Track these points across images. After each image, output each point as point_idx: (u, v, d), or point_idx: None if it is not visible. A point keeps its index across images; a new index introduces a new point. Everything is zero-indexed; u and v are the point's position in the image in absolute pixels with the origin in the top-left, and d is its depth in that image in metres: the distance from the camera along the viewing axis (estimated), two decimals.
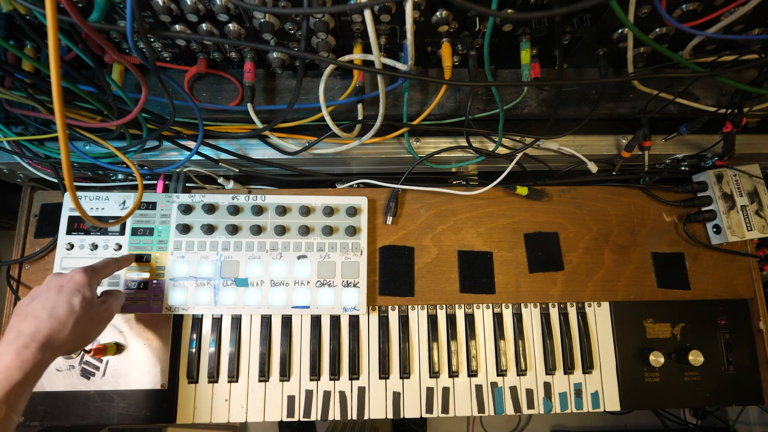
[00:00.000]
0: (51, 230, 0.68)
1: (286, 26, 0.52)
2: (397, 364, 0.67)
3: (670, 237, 0.73)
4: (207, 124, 0.64)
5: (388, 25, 0.54)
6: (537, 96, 0.67)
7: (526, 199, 0.73)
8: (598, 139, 0.69)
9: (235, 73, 0.64)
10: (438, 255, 0.71)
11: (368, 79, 0.63)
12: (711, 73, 0.52)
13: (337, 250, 0.68)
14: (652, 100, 0.65)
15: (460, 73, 0.65)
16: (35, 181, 0.71)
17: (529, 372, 0.68)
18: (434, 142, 0.68)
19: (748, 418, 1.17)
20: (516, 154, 0.67)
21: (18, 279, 0.67)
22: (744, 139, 0.69)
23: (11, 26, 0.53)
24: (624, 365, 0.69)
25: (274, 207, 0.67)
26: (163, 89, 0.51)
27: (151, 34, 0.46)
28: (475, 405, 0.66)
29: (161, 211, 0.67)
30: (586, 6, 0.37)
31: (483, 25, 0.54)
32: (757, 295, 0.71)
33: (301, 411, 0.65)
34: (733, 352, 0.69)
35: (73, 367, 0.65)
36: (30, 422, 0.63)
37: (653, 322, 0.70)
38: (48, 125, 0.61)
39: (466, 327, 0.69)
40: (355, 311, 0.66)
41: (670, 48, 0.51)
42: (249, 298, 0.66)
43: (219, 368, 0.66)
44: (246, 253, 0.67)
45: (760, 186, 0.70)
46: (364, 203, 0.69)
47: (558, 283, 0.70)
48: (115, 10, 0.49)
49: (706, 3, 0.50)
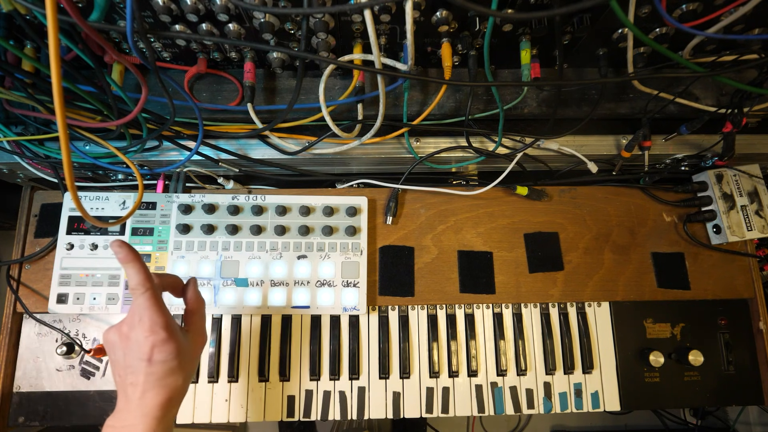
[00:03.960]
0: (51, 230, 0.68)
1: (286, 26, 0.52)
2: (397, 364, 0.67)
3: (670, 237, 0.73)
4: (207, 124, 0.64)
5: (388, 25, 0.54)
6: (537, 96, 0.67)
7: (526, 199, 0.73)
8: (598, 139, 0.69)
9: (235, 73, 0.64)
10: (438, 255, 0.71)
11: (368, 79, 0.63)
12: (711, 73, 0.52)
13: (337, 250, 0.68)
14: (652, 100, 0.65)
15: (460, 73, 0.65)
16: (35, 181, 0.71)
17: (529, 372, 0.68)
18: (434, 142, 0.68)
19: (748, 418, 1.17)
20: (516, 154, 0.67)
21: (18, 279, 0.67)
22: (744, 139, 0.69)
23: (11, 26, 0.53)
24: (624, 365, 0.68)
25: (274, 207, 0.67)
26: (163, 89, 0.51)
27: (151, 34, 0.45)
28: (475, 405, 0.66)
29: (161, 211, 0.67)
30: (586, 6, 0.37)
31: (483, 25, 0.54)
32: (757, 295, 0.71)
33: (301, 411, 0.65)
34: (733, 352, 0.69)
35: (73, 367, 0.65)
36: (30, 422, 0.63)
37: (653, 322, 0.70)
38: (48, 125, 0.61)
39: (466, 327, 0.69)
40: (355, 311, 0.66)
41: (670, 48, 0.51)
42: (249, 298, 0.66)
43: (219, 368, 0.66)
44: (246, 253, 0.67)
45: (760, 186, 0.70)
46: (364, 203, 0.69)
47: (558, 283, 0.70)
48: (115, 10, 0.49)
49: (706, 3, 0.50)
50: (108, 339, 0.47)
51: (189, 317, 0.51)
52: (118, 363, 0.46)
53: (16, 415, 0.64)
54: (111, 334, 0.46)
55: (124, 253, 0.44)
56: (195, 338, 0.50)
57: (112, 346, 0.46)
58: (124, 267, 0.45)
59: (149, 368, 0.44)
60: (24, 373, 0.65)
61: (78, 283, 0.65)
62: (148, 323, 0.44)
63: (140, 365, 0.44)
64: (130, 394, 0.44)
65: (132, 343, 0.44)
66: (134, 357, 0.44)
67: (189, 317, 0.51)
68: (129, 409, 0.44)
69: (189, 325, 0.51)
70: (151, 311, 0.44)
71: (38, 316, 0.66)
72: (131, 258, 0.45)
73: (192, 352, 0.49)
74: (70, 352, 0.64)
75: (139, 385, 0.44)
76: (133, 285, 0.44)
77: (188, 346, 0.48)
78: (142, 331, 0.44)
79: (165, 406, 0.45)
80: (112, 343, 0.46)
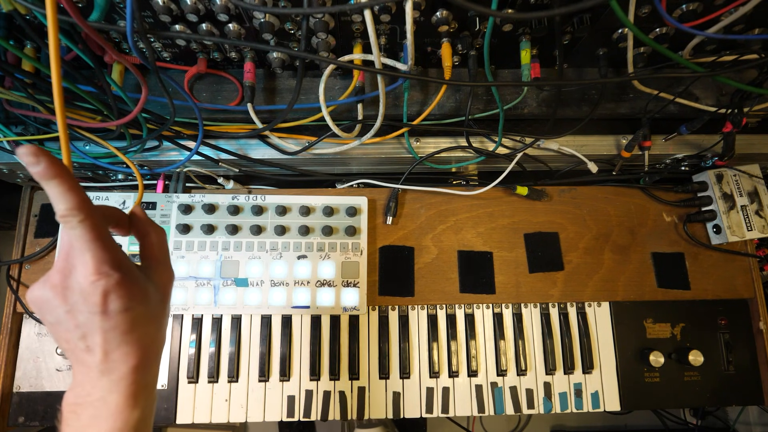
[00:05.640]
0: (51, 230, 0.68)
1: (286, 26, 0.52)
2: (397, 364, 0.67)
3: (670, 237, 0.73)
4: (207, 124, 0.64)
5: (388, 25, 0.54)
6: (537, 96, 0.67)
7: (526, 199, 0.73)
8: (598, 139, 0.69)
9: (235, 73, 0.64)
10: (438, 255, 0.70)
11: (368, 79, 0.63)
12: (711, 73, 0.52)
13: (337, 250, 0.68)
14: (652, 100, 0.65)
15: (460, 73, 0.65)
16: (35, 181, 0.71)
17: (529, 372, 0.68)
18: (434, 142, 0.68)
19: (748, 418, 1.17)
20: (516, 154, 0.67)
21: (18, 279, 0.67)
22: (744, 139, 0.69)
23: (11, 26, 0.53)
24: (624, 365, 0.68)
25: (274, 207, 0.67)
26: (163, 89, 0.51)
27: (151, 34, 0.46)
28: (475, 405, 0.66)
29: (161, 211, 0.67)
30: (586, 6, 0.37)
31: (483, 25, 0.54)
32: (757, 295, 0.71)
33: (301, 411, 0.65)
34: (733, 352, 0.69)
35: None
36: (30, 422, 0.63)
37: (653, 322, 0.70)
38: (48, 125, 0.61)
39: (466, 327, 0.69)
40: (355, 311, 0.66)
41: (670, 48, 0.51)
42: (249, 298, 0.66)
43: (219, 368, 0.66)
44: (246, 253, 0.67)
45: (760, 186, 0.70)
46: (364, 203, 0.69)
47: (558, 283, 0.70)
48: (115, 10, 0.49)
49: (706, 3, 0.50)
50: (37, 298, 0.33)
51: (146, 250, 0.38)
52: (60, 325, 0.33)
53: (16, 415, 0.64)
54: (38, 291, 0.32)
55: (45, 165, 0.28)
56: (160, 275, 0.38)
57: (47, 306, 0.32)
58: (46, 186, 0.29)
59: (106, 322, 0.32)
60: (24, 373, 0.65)
61: None
62: (92, 263, 0.31)
63: (93, 320, 0.32)
64: (87, 361, 0.33)
65: (73, 294, 0.31)
66: (82, 312, 0.32)
67: (146, 250, 0.38)
68: (91, 379, 0.33)
69: (147, 259, 0.38)
70: (95, 246, 0.31)
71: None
72: (55, 172, 0.29)
73: (160, 290, 0.37)
74: None
75: (97, 347, 0.32)
76: (63, 210, 0.30)
77: (152, 285, 0.36)
78: (85, 274, 0.31)
79: (140, 368, 0.34)
80: (45, 302, 0.32)
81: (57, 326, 0.33)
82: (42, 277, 0.33)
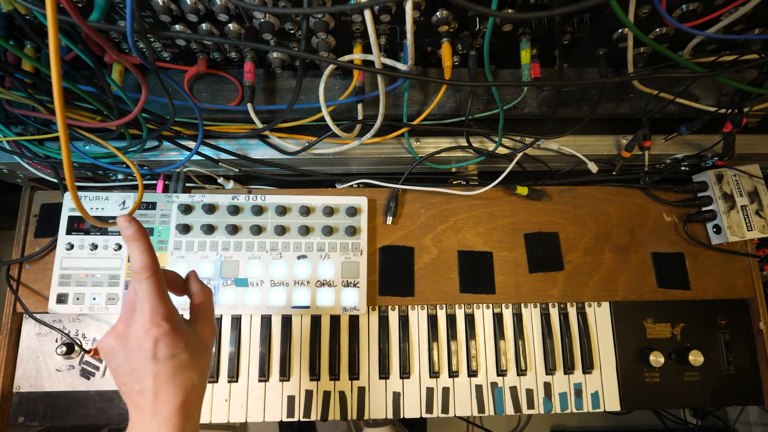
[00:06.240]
0: (51, 230, 0.68)
1: (286, 26, 0.52)
2: (397, 364, 0.67)
3: (670, 237, 0.73)
4: (207, 124, 0.64)
5: (388, 25, 0.54)
6: (537, 96, 0.67)
7: (526, 199, 0.73)
8: (598, 139, 0.69)
9: (235, 73, 0.64)
10: (438, 255, 0.70)
11: (368, 79, 0.63)
12: (711, 73, 0.52)
13: (337, 250, 0.68)
14: (652, 100, 0.65)
15: (460, 73, 0.65)
16: (35, 181, 0.71)
17: (529, 372, 0.68)
18: (434, 142, 0.68)
19: (748, 418, 1.17)
20: (516, 154, 0.67)
21: (18, 279, 0.67)
22: (744, 139, 0.69)
23: (11, 26, 0.53)
24: (624, 365, 0.68)
25: (274, 207, 0.67)
26: (163, 89, 0.51)
27: (151, 34, 0.46)
28: (475, 405, 0.66)
29: (161, 211, 0.67)
30: (586, 6, 0.37)
31: (483, 25, 0.54)
32: (757, 295, 0.71)
33: (301, 411, 0.65)
34: (733, 352, 0.69)
35: (73, 367, 0.65)
36: (30, 422, 0.63)
37: (653, 322, 0.70)
38: (48, 125, 0.61)
39: (466, 327, 0.69)
40: (355, 311, 0.66)
41: (670, 48, 0.51)
42: (249, 298, 0.66)
43: (219, 368, 0.66)
44: (246, 253, 0.67)
45: (760, 186, 0.70)
46: (364, 203, 0.69)
47: (558, 283, 0.70)
48: (115, 10, 0.49)
49: (706, 3, 0.50)
50: (105, 346, 0.40)
51: (196, 309, 0.46)
52: (120, 369, 0.39)
53: (16, 415, 0.64)
54: (106, 339, 0.40)
55: (134, 230, 0.38)
56: (203, 328, 0.44)
57: (111, 352, 0.39)
58: (130, 246, 0.38)
59: (156, 367, 0.38)
60: (24, 373, 0.65)
61: (78, 283, 0.65)
62: (149, 314, 0.38)
63: (145, 365, 0.38)
64: (140, 404, 0.38)
65: (131, 342, 0.38)
66: (137, 357, 0.38)
67: (196, 309, 0.46)
68: (143, 421, 0.38)
69: (195, 315, 0.45)
70: (154, 299, 0.38)
71: (38, 316, 0.66)
72: (139, 235, 0.38)
73: (202, 344, 0.43)
74: (69, 352, 0.64)
75: (149, 390, 0.38)
76: (137, 267, 0.37)
77: (196, 337, 0.42)
78: (141, 324, 0.38)
79: (183, 409, 0.39)
80: (110, 348, 0.39)
81: (118, 370, 0.39)
82: (111, 327, 0.40)
